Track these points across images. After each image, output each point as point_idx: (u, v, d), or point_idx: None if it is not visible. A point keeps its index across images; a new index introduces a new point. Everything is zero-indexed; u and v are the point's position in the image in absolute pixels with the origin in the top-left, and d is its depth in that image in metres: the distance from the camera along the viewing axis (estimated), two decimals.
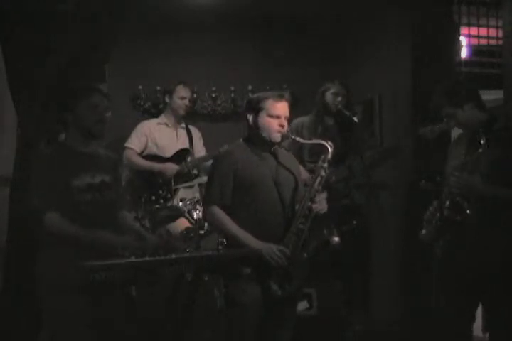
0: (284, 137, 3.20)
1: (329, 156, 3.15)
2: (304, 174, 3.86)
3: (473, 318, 3.31)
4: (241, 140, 3.26)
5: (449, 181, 3.22)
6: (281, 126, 3.15)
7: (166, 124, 4.91)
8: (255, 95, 3.32)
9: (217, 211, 3.09)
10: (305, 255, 3.06)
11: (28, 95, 3.76)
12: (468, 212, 3.11)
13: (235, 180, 3.09)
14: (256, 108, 3.16)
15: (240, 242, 3.02)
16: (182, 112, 4.89)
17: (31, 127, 3.75)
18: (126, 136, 4.89)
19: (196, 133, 5.02)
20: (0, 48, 3.78)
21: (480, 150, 3.08)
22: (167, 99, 4.90)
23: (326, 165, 3.15)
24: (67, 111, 3.07)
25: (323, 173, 3.14)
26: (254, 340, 3.06)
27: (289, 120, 3.28)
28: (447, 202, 3.18)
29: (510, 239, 3.10)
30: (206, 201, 3.21)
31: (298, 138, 3.34)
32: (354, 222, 4.32)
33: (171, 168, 4.76)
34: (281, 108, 3.17)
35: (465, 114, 3.25)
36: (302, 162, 4.23)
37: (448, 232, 3.20)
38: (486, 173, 3.10)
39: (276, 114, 3.15)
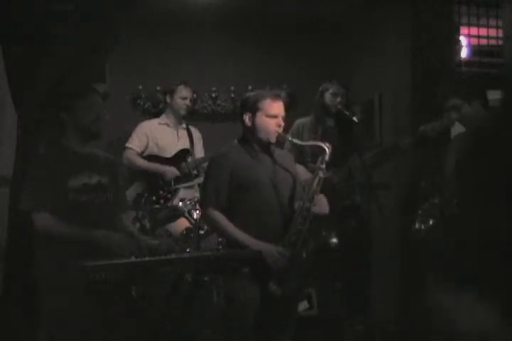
0: (281, 139, 3.20)
1: (327, 158, 3.15)
2: (304, 174, 3.86)
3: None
4: (235, 141, 3.26)
5: (451, 179, 3.22)
6: (279, 125, 3.16)
7: (167, 124, 4.91)
8: (250, 94, 3.30)
9: (215, 213, 3.09)
10: (304, 255, 3.06)
11: (28, 95, 3.75)
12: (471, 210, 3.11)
13: (231, 181, 3.09)
14: (253, 108, 3.16)
15: (240, 244, 3.02)
16: (183, 112, 4.89)
17: (31, 127, 3.75)
18: (126, 136, 4.89)
19: (197, 134, 5.02)
20: (0, 49, 3.78)
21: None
22: (168, 99, 4.90)
23: (323, 166, 3.15)
24: (65, 112, 3.07)
25: (321, 174, 3.14)
26: (253, 339, 3.06)
27: (289, 120, 3.28)
28: (453, 201, 3.18)
29: None
30: (202, 203, 3.22)
31: (295, 140, 3.35)
32: (353, 224, 4.32)
33: (171, 172, 4.76)
34: (279, 107, 3.17)
35: (471, 110, 3.25)
36: (304, 163, 4.24)
37: (449, 230, 3.20)
38: None
39: (274, 114, 3.15)
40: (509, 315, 3.08)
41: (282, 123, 3.17)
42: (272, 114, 3.14)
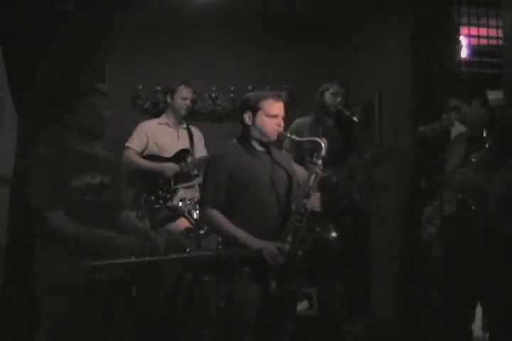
0: (281, 137, 3.21)
1: (323, 153, 3.16)
2: (303, 174, 3.86)
3: (472, 317, 3.32)
4: (234, 140, 3.27)
5: (451, 179, 3.22)
6: (279, 125, 3.18)
7: (167, 124, 4.91)
8: (251, 94, 3.33)
9: (214, 212, 3.10)
10: (300, 253, 3.06)
11: (28, 95, 3.76)
12: (473, 208, 3.12)
13: (230, 180, 3.10)
14: (254, 107, 3.17)
15: (238, 242, 3.03)
16: (183, 112, 4.89)
17: (31, 127, 3.76)
18: (127, 135, 4.89)
19: (197, 134, 5.02)
20: (0, 48, 3.78)
21: (486, 146, 3.09)
22: (168, 99, 4.90)
23: (320, 162, 3.16)
24: (67, 112, 3.08)
25: (317, 170, 3.15)
26: (252, 339, 3.06)
27: (289, 120, 3.29)
28: (454, 200, 3.18)
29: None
30: (201, 203, 3.23)
31: (293, 137, 3.36)
32: (352, 224, 4.33)
33: (171, 167, 4.75)
34: (279, 108, 3.19)
35: (471, 110, 3.26)
36: (303, 163, 4.24)
37: (450, 230, 3.20)
38: (489, 171, 3.11)
39: (274, 114, 3.16)
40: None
41: (282, 124, 3.20)
42: (272, 114, 3.16)
